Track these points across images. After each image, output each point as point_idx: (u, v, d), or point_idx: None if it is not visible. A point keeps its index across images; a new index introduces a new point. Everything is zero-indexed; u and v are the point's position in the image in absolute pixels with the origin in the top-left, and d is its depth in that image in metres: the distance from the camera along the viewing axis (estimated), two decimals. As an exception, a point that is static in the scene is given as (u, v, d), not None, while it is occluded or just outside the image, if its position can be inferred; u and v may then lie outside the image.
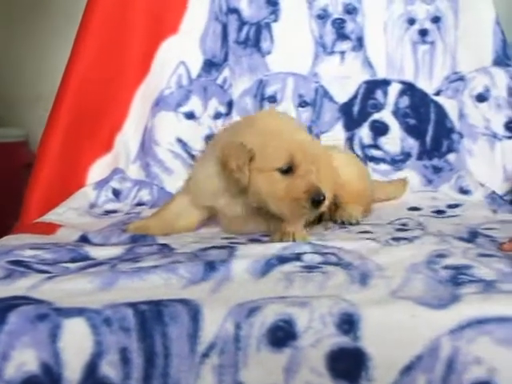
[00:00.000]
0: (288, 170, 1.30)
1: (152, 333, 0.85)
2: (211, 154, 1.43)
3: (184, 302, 0.89)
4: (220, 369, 0.84)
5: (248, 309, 0.87)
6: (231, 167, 1.31)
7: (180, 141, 2.03)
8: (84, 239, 1.44)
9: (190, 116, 2.05)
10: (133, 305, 0.88)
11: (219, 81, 2.09)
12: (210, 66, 2.10)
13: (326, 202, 1.32)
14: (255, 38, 2.11)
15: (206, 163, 1.43)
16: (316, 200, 1.28)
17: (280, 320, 0.85)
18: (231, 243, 1.31)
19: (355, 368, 0.83)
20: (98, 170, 1.98)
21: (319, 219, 1.59)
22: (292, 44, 2.09)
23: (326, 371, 0.83)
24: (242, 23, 2.12)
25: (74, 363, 0.84)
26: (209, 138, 2.01)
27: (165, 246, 1.30)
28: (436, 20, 2.09)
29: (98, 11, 1.99)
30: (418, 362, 0.82)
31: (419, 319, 0.85)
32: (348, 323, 0.85)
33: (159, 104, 2.05)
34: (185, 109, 2.06)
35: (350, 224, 1.57)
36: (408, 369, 0.82)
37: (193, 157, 2.01)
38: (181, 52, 2.09)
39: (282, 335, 0.85)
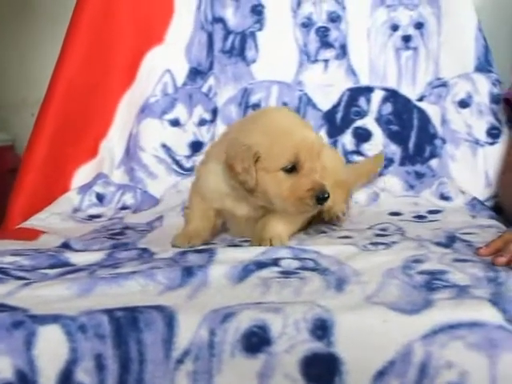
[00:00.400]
0: (292, 169, 1.30)
1: (127, 339, 0.86)
2: (215, 155, 1.42)
3: (159, 308, 0.89)
4: (194, 375, 0.84)
5: (223, 315, 0.88)
6: (237, 170, 1.30)
7: (164, 146, 2.03)
8: (66, 246, 1.44)
9: (175, 123, 2.05)
10: (108, 311, 0.88)
11: (204, 89, 2.10)
12: (196, 74, 2.11)
13: (329, 200, 1.32)
14: (240, 46, 2.12)
15: (210, 164, 1.42)
16: (320, 198, 1.29)
17: (254, 326, 0.86)
18: (210, 247, 1.31)
19: (329, 373, 0.84)
20: (82, 175, 1.98)
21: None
22: (276, 52, 2.10)
23: (299, 376, 0.84)
24: (228, 32, 2.13)
25: (49, 370, 0.84)
26: (193, 144, 2.02)
27: (144, 250, 1.30)
28: (419, 26, 2.10)
29: (84, 19, 1.99)
30: (391, 367, 0.83)
31: (392, 324, 0.85)
32: (321, 329, 0.85)
33: (144, 111, 2.06)
34: (170, 116, 2.06)
35: (337, 218, 1.59)
36: (381, 374, 0.83)
37: (177, 162, 2.01)
38: (166, 60, 2.10)
39: (256, 341, 0.85)
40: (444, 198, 1.89)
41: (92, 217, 1.85)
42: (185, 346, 0.85)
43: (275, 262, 1.13)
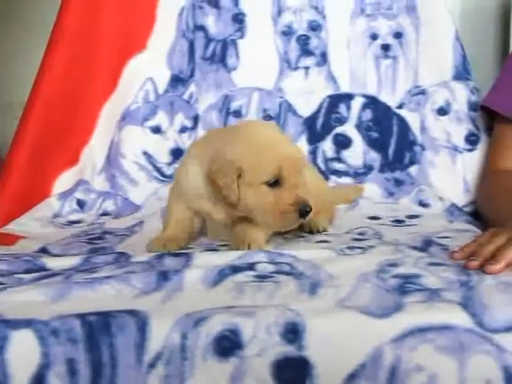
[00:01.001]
0: (275, 183, 1.31)
1: (99, 343, 0.86)
2: (194, 155, 1.42)
3: (132, 312, 0.90)
4: (166, 379, 0.85)
5: (195, 319, 0.88)
6: (220, 185, 1.30)
7: (146, 153, 2.03)
8: (44, 250, 1.44)
9: (157, 130, 2.06)
10: (80, 316, 0.88)
11: (186, 96, 2.11)
12: (177, 81, 2.12)
13: (311, 213, 1.33)
14: (221, 54, 2.13)
15: (189, 165, 1.42)
16: (303, 211, 1.30)
17: (226, 330, 0.86)
18: (188, 252, 1.31)
19: (300, 377, 0.84)
20: (63, 182, 1.98)
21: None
22: (257, 60, 2.11)
23: (271, 380, 0.84)
24: (209, 40, 2.14)
25: (20, 375, 0.84)
26: (174, 151, 2.03)
27: (122, 254, 1.30)
28: (398, 36, 2.12)
29: (66, 26, 1.99)
30: (362, 370, 0.84)
31: (362, 328, 0.86)
32: (293, 332, 0.86)
33: (126, 118, 2.06)
34: (151, 123, 2.06)
35: (318, 232, 1.59)
36: (352, 377, 0.84)
37: (158, 169, 2.02)
38: (148, 68, 2.10)
39: (227, 344, 0.86)
40: (422, 204, 1.91)
41: (72, 222, 1.84)
42: (157, 349, 0.86)
43: (251, 266, 1.14)
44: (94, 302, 0.97)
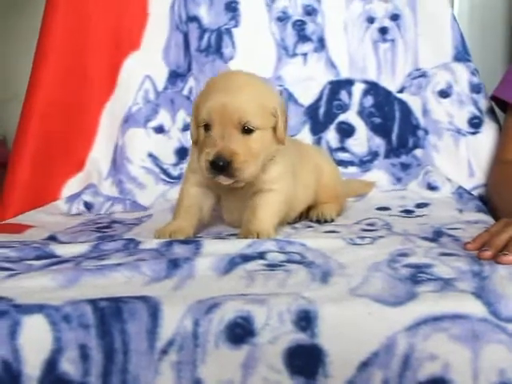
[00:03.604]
0: (208, 128, 1.31)
1: (111, 329, 0.86)
2: None
3: (144, 298, 0.89)
4: (178, 365, 0.85)
5: (207, 306, 0.88)
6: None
7: (151, 155, 2.02)
8: (52, 238, 1.44)
9: (160, 130, 2.04)
10: (92, 302, 0.88)
11: (185, 91, 2.09)
12: (176, 77, 2.10)
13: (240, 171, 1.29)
14: (216, 44, 2.11)
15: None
16: (215, 164, 1.27)
17: (238, 317, 0.86)
18: (197, 239, 1.30)
19: (312, 364, 0.84)
20: (70, 188, 1.97)
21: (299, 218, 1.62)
22: (254, 48, 2.09)
23: (283, 367, 0.84)
24: (203, 30, 2.12)
25: (33, 360, 0.84)
26: (179, 151, 2.02)
27: (130, 240, 1.29)
28: (395, 18, 2.10)
29: (55, 31, 1.95)
30: (375, 359, 0.84)
31: (375, 316, 0.86)
32: (305, 320, 0.86)
33: (128, 121, 2.04)
34: (154, 123, 2.05)
35: (325, 221, 1.58)
36: (364, 365, 0.84)
37: (164, 171, 2.01)
38: (145, 66, 2.08)
39: (240, 332, 0.86)
40: (431, 187, 1.90)
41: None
42: (169, 336, 0.86)
43: (261, 255, 1.14)
44: (104, 288, 0.97)
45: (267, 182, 1.40)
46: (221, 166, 1.27)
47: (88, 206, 1.89)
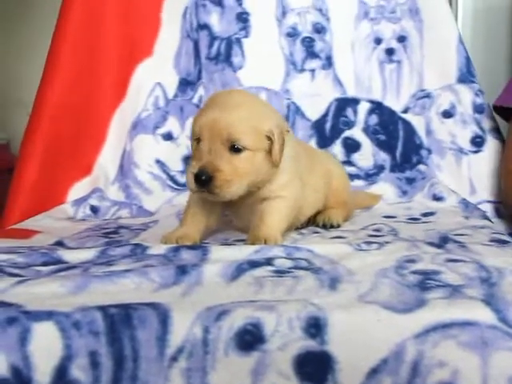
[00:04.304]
0: (198, 142, 1.32)
1: (121, 336, 0.86)
2: None
3: (153, 305, 0.89)
4: (188, 372, 0.85)
5: (217, 312, 0.88)
6: None
7: (158, 161, 2.03)
8: (59, 244, 1.44)
9: (168, 137, 2.05)
10: (102, 308, 0.88)
11: (195, 100, 2.10)
12: (186, 85, 2.11)
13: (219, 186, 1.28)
14: (226, 52, 2.13)
15: None
16: (199, 178, 1.27)
17: (248, 324, 0.86)
18: (204, 245, 1.31)
19: (322, 371, 0.84)
20: (77, 192, 1.97)
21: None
22: (263, 60, 2.12)
23: (293, 374, 0.84)
24: (213, 38, 2.13)
25: (43, 366, 0.84)
26: (187, 158, 2.02)
27: (138, 245, 1.30)
28: (402, 39, 2.14)
29: (68, 35, 1.97)
30: (384, 365, 0.84)
31: (385, 323, 0.86)
32: (315, 327, 0.86)
33: (137, 127, 2.05)
34: (162, 130, 2.06)
35: (332, 227, 1.59)
36: (374, 372, 0.84)
37: (171, 178, 2.02)
38: (156, 73, 2.10)
39: (249, 339, 0.86)
40: (437, 198, 1.91)
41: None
42: (178, 343, 0.86)
43: (269, 261, 1.14)
44: (113, 294, 0.97)
45: (274, 190, 1.41)
46: (203, 180, 1.27)
47: (94, 210, 1.90)
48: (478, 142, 2.02)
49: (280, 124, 1.37)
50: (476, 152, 2.01)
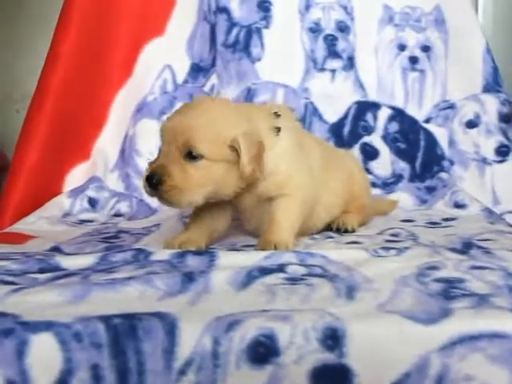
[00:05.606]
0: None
1: (125, 348, 0.85)
2: None
3: (159, 315, 0.89)
4: (197, 387, 0.84)
5: (227, 323, 0.87)
6: None
7: None
8: (56, 249, 1.43)
9: None
10: (104, 318, 0.87)
11: (206, 88, 2.10)
12: (198, 71, 2.11)
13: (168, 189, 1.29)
14: (245, 41, 2.12)
15: None
16: (150, 180, 1.28)
17: (261, 335, 0.86)
18: (211, 251, 1.30)
19: (340, 386, 0.83)
20: (74, 178, 1.97)
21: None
22: (283, 54, 2.12)
23: (309, 389, 0.83)
24: (232, 24, 2.13)
25: (42, 381, 0.84)
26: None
27: (140, 251, 1.29)
28: (426, 49, 2.18)
29: (76, 9, 1.97)
30: (406, 380, 0.83)
31: (407, 335, 0.85)
32: (332, 338, 0.85)
33: (141, 111, 2.05)
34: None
35: (346, 231, 1.59)
36: (396, 386, 0.83)
37: None
38: (167, 55, 2.09)
39: (263, 351, 0.85)
40: (459, 206, 1.91)
41: (83, 221, 1.84)
42: (187, 355, 0.85)
43: (281, 268, 1.13)
44: (116, 303, 0.96)
45: (274, 189, 1.40)
46: (154, 183, 1.27)
47: (92, 202, 1.89)
48: (503, 152, 2.04)
49: (252, 133, 1.34)
50: (501, 162, 2.02)
